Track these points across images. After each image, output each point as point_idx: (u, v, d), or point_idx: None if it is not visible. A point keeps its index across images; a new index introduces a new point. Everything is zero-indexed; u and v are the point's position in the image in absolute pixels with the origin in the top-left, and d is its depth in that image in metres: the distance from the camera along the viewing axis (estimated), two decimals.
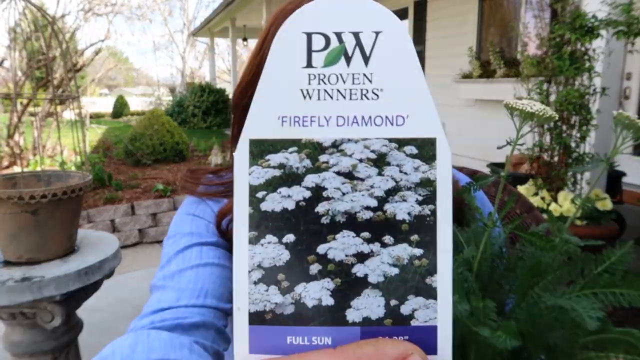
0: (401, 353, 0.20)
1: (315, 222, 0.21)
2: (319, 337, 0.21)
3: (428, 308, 0.21)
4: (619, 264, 0.41)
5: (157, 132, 5.84)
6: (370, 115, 0.22)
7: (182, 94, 12.75)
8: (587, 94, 2.63)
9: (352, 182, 0.22)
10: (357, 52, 0.22)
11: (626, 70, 3.94)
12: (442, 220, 0.21)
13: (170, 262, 0.57)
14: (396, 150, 0.22)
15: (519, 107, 0.40)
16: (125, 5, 7.21)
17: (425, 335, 0.21)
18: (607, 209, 2.48)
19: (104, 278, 1.51)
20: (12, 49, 2.60)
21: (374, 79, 0.22)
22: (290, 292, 0.21)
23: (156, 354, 0.41)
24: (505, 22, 5.44)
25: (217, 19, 11.54)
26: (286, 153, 0.22)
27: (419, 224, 0.21)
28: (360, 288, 0.21)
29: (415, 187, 0.21)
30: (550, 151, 2.81)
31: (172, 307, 0.50)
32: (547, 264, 0.42)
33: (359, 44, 0.22)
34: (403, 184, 0.21)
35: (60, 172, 1.61)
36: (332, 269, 0.21)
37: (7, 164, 4.99)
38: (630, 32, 2.38)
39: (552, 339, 0.41)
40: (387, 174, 0.22)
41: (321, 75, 0.22)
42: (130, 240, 3.98)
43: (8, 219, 1.38)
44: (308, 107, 0.22)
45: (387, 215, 0.21)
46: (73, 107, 1.77)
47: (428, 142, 0.21)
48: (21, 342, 1.45)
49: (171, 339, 0.44)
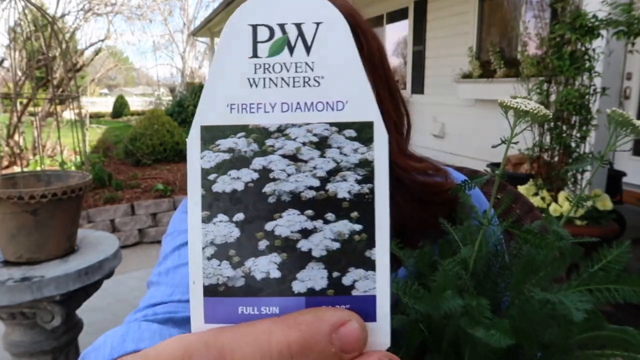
0: (339, 319, 0.22)
1: (263, 201, 0.23)
2: (267, 307, 0.23)
3: (367, 279, 0.22)
4: (615, 263, 0.41)
5: (157, 132, 5.84)
6: (312, 102, 0.24)
7: (182, 94, 12.75)
8: (587, 94, 2.63)
9: (296, 164, 0.23)
10: (300, 42, 0.24)
11: (626, 70, 3.94)
12: (380, 197, 0.23)
13: (167, 258, 0.59)
14: (336, 134, 0.23)
15: (513, 106, 0.40)
16: (125, 5, 7.21)
17: (365, 304, 0.22)
18: (607, 209, 2.48)
19: (103, 278, 1.51)
20: (12, 49, 2.60)
21: (315, 68, 0.24)
22: (241, 267, 0.23)
23: (145, 344, 0.42)
24: (505, 22, 5.44)
25: (217, 18, 11.54)
26: (235, 138, 0.24)
27: (358, 201, 0.23)
28: (305, 261, 0.23)
29: (354, 167, 0.23)
30: (550, 151, 2.81)
31: (165, 302, 0.52)
32: (541, 261, 0.43)
33: (301, 35, 0.24)
34: (343, 164, 0.23)
35: (60, 172, 1.61)
36: (279, 244, 0.23)
37: (7, 163, 4.99)
38: (631, 32, 2.38)
39: (547, 336, 0.41)
40: (328, 156, 0.23)
41: (266, 65, 0.24)
42: (130, 240, 3.98)
43: (8, 219, 1.38)
44: (254, 95, 0.24)
45: (329, 194, 0.23)
46: (73, 107, 1.77)
47: (366, 126, 0.23)
48: (21, 342, 1.44)
49: (161, 330, 0.45)
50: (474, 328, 0.37)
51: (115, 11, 6.60)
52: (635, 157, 4.19)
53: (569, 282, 0.41)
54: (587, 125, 2.63)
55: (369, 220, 0.22)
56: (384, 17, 7.79)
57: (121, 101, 16.54)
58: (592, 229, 2.40)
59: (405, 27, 7.24)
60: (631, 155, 4.21)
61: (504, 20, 5.47)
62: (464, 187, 0.49)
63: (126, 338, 0.43)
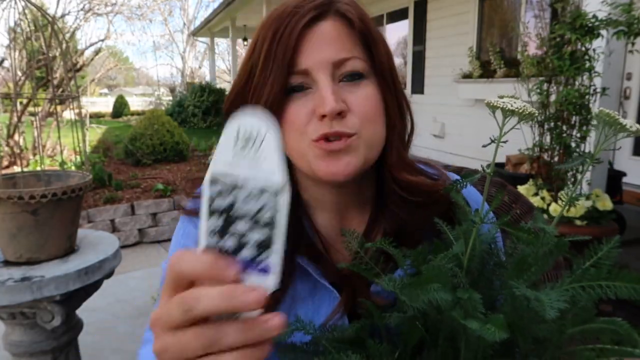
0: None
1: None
2: None
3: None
4: (605, 259, 0.42)
5: (157, 132, 5.84)
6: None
7: (182, 94, 12.75)
8: (587, 94, 2.62)
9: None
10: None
11: (626, 70, 3.94)
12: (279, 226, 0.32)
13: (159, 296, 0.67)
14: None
15: (499, 105, 0.41)
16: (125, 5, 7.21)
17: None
18: (607, 209, 2.48)
19: (103, 278, 1.51)
20: (12, 49, 2.60)
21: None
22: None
23: None
24: (505, 22, 5.44)
25: (217, 18, 11.54)
26: None
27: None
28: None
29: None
30: (551, 151, 2.81)
31: None
32: (532, 257, 0.43)
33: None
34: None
35: (60, 172, 1.61)
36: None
37: (7, 163, 4.99)
38: (631, 32, 2.38)
39: (540, 332, 0.42)
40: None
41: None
42: (130, 240, 3.98)
43: (8, 219, 1.38)
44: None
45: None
46: (73, 107, 1.77)
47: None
48: (21, 342, 1.44)
49: None
50: (467, 320, 0.38)
51: (115, 11, 6.60)
52: (635, 157, 4.19)
53: (562, 279, 0.41)
54: (587, 125, 2.63)
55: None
56: (384, 17, 7.79)
57: (121, 101, 16.54)
58: (592, 229, 2.40)
59: (406, 27, 7.24)
60: (631, 155, 4.21)
61: (504, 20, 5.47)
62: (456, 186, 0.49)
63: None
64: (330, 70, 0.55)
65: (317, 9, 0.55)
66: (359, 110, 0.56)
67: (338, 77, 0.56)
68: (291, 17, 0.55)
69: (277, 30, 0.55)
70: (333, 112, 0.53)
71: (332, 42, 0.55)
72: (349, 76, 0.56)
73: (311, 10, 0.55)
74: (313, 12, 0.55)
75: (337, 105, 0.53)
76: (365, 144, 0.56)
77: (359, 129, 0.55)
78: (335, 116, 0.54)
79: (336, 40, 0.55)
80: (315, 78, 0.55)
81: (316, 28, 0.55)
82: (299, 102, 0.56)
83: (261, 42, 0.57)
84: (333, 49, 0.55)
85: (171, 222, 4.08)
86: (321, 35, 0.55)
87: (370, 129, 0.57)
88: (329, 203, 0.64)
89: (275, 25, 0.55)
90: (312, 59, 0.55)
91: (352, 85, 0.56)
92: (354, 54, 0.56)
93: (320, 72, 0.55)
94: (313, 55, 0.55)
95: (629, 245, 3.14)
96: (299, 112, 0.56)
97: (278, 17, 0.56)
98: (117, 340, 2.44)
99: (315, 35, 0.55)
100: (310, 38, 0.55)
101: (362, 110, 0.56)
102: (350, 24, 0.57)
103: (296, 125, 0.56)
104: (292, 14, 0.55)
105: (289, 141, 0.57)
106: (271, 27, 0.56)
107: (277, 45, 0.55)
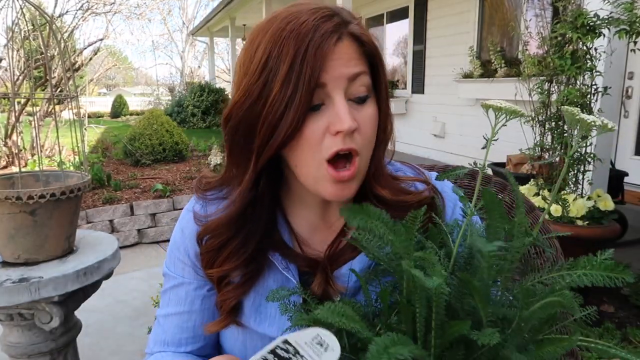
0: None
1: None
2: None
3: None
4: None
5: (156, 132, 5.82)
6: None
7: (182, 94, 12.73)
8: (588, 94, 2.61)
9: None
10: None
11: (628, 69, 3.93)
12: None
13: (165, 294, 0.77)
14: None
15: (490, 105, 0.49)
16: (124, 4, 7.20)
17: None
18: (608, 209, 2.47)
19: (102, 279, 1.49)
20: (10, 48, 2.59)
21: None
22: None
23: None
24: (506, 21, 5.43)
25: (217, 18, 11.52)
26: None
27: None
28: None
29: None
30: (552, 151, 2.80)
31: (153, 353, 0.77)
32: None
33: None
34: None
35: (59, 172, 1.60)
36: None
37: (5, 163, 4.97)
38: (632, 30, 2.36)
39: (503, 313, 0.46)
40: None
41: None
42: (129, 240, 3.96)
43: (6, 219, 1.36)
44: None
45: None
46: (71, 107, 1.76)
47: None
48: (19, 343, 1.43)
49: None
50: (413, 270, 0.42)
51: (114, 10, 6.58)
52: (637, 157, 4.18)
53: (542, 271, 0.49)
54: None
55: None
56: (384, 16, 7.78)
57: (120, 101, 16.52)
58: (593, 230, 2.39)
59: (406, 27, 7.23)
60: (633, 155, 4.20)
61: (504, 20, 5.46)
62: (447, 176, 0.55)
63: None
64: (344, 87, 0.58)
65: (336, 30, 0.58)
66: (365, 130, 0.60)
67: (348, 96, 0.59)
68: (312, 33, 0.56)
69: (299, 47, 0.56)
70: (350, 130, 0.57)
71: (348, 60, 0.59)
72: (358, 98, 0.60)
73: (333, 31, 0.58)
74: (335, 35, 0.58)
75: (353, 124, 0.57)
76: (364, 163, 0.62)
77: (361, 148, 0.60)
78: (350, 133, 0.57)
79: (351, 58, 0.59)
80: (331, 94, 0.58)
81: (336, 48, 0.58)
82: (316, 120, 0.58)
83: (281, 57, 0.56)
84: (348, 66, 0.59)
85: (170, 223, 4.07)
86: (339, 54, 0.58)
87: (369, 148, 0.62)
88: (313, 201, 0.69)
89: (296, 43, 0.56)
90: (330, 74, 0.57)
91: (359, 106, 0.60)
92: (364, 69, 0.60)
93: (336, 88, 0.58)
94: (332, 70, 0.57)
95: (630, 246, 3.13)
96: (316, 129, 0.58)
97: (296, 34, 0.56)
98: (116, 341, 2.43)
99: (336, 54, 0.58)
100: (332, 57, 0.57)
101: (367, 130, 0.60)
102: (362, 45, 0.61)
103: (312, 141, 0.58)
104: (312, 31, 0.56)
105: (301, 156, 0.60)
106: (290, 43, 0.56)
107: (303, 62, 0.56)
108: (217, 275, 0.68)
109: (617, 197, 3.04)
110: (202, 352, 0.76)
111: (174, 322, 0.74)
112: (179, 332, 0.74)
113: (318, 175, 0.60)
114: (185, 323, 0.74)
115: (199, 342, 0.75)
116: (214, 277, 0.69)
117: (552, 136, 2.79)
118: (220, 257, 0.67)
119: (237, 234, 0.66)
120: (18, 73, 4.89)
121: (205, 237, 0.69)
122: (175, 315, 0.74)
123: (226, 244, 0.66)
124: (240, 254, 0.66)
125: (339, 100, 0.57)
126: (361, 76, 0.59)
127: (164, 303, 0.76)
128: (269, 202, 0.67)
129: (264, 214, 0.66)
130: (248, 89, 0.59)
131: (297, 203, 0.70)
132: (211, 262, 0.68)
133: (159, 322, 0.76)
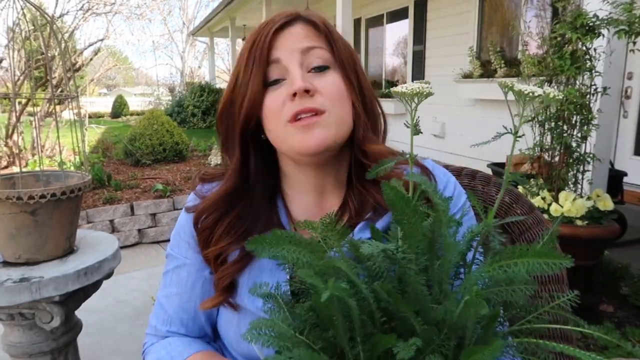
0: None
1: None
2: None
3: None
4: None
5: (156, 132, 5.82)
6: None
7: (182, 94, 12.73)
8: (588, 94, 2.61)
9: None
10: None
11: (627, 69, 3.94)
12: None
13: (166, 275, 0.79)
14: None
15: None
16: (125, 4, 7.20)
17: None
18: (608, 209, 2.47)
19: (103, 278, 1.50)
20: (11, 49, 2.59)
21: None
22: None
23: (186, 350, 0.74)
24: (505, 21, 5.43)
25: (217, 18, 11.53)
26: None
27: None
28: None
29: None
30: (551, 151, 2.80)
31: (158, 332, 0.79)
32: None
33: None
34: None
35: (59, 172, 1.60)
36: None
37: (5, 164, 4.98)
38: (632, 31, 2.36)
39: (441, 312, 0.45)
40: None
41: None
42: (130, 240, 3.97)
43: (7, 219, 1.37)
44: None
45: None
46: (72, 107, 1.76)
47: None
48: (20, 343, 1.44)
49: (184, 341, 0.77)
50: (311, 277, 0.41)
51: (114, 11, 6.59)
52: (636, 157, 4.18)
53: (485, 261, 0.49)
54: (588, 125, 2.62)
55: None
56: (384, 16, 7.78)
57: (120, 101, 16.53)
58: (593, 229, 2.39)
59: (406, 27, 7.23)
60: (632, 155, 4.20)
61: (504, 20, 5.46)
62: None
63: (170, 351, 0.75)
64: (299, 58, 0.66)
65: (287, 17, 0.68)
66: (327, 92, 0.65)
67: (306, 67, 0.66)
68: (264, 25, 0.68)
69: (254, 38, 0.67)
70: (301, 89, 0.62)
71: (300, 37, 0.67)
72: (316, 67, 0.66)
73: (282, 18, 0.67)
74: (284, 20, 0.67)
75: (304, 84, 0.63)
76: (336, 120, 0.65)
77: (330, 108, 0.64)
78: (305, 94, 0.63)
79: (304, 36, 0.67)
80: (287, 66, 0.65)
81: (286, 30, 0.67)
82: (275, 92, 0.66)
83: (243, 52, 0.69)
84: (301, 42, 0.66)
85: (171, 223, 4.07)
86: (290, 33, 0.67)
87: (339, 107, 0.66)
88: (311, 185, 0.73)
89: (253, 36, 0.68)
90: (283, 50, 0.66)
91: (319, 74, 0.66)
92: (319, 44, 0.67)
93: (290, 60, 0.65)
94: (284, 46, 0.66)
95: (630, 246, 3.13)
96: (275, 100, 0.66)
97: (255, 31, 0.69)
98: (116, 341, 2.43)
99: (286, 34, 0.67)
100: (282, 37, 0.67)
101: (329, 92, 0.65)
102: (315, 27, 0.68)
103: (273, 111, 0.66)
104: (266, 25, 0.68)
105: (270, 128, 0.67)
106: (250, 39, 0.68)
107: (255, 47, 0.66)
108: (213, 255, 0.71)
109: (617, 197, 3.04)
110: (200, 333, 0.79)
111: (175, 302, 0.77)
112: (180, 312, 0.77)
113: (285, 135, 0.65)
114: (186, 303, 0.76)
115: (198, 324, 0.78)
116: (210, 256, 0.71)
117: (552, 136, 2.79)
118: (215, 234, 0.70)
119: (230, 210, 0.70)
120: (19, 73, 4.90)
121: (201, 218, 0.73)
122: (176, 295, 0.77)
123: (221, 220, 0.70)
124: (235, 231, 0.70)
125: (293, 68, 0.65)
126: (315, 49, 0.67)
127: (166, 284, 0.78)
128: (262, 183, 0.72)
129: (257, 193, 0.72)
130: (228, 85, 0.72)
131: (295, 190, 0.75)
132: (207, 241, 0.71)
133: (160, 303, 0.79)
